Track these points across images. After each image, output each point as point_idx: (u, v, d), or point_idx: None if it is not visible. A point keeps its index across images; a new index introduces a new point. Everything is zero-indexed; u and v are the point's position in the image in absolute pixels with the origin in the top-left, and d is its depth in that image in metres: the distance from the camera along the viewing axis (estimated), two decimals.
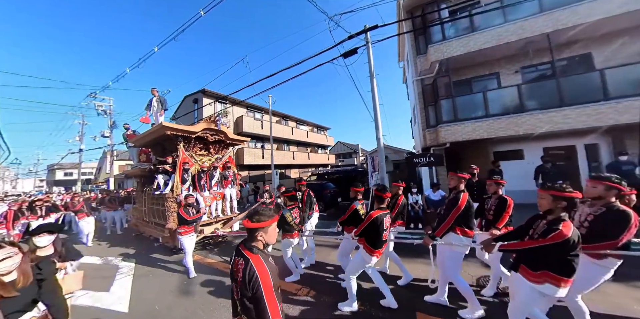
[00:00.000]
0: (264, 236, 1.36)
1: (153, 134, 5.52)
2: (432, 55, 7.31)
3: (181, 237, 4.00)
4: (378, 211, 2.50)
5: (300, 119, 22.51)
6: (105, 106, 13.00)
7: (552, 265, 1.65)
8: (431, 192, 6.21)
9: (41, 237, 2.12)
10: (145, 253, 5.28)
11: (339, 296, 2.86)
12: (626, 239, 1.86)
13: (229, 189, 5.97)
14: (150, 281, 3.90)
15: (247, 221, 1.37)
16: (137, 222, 6.54)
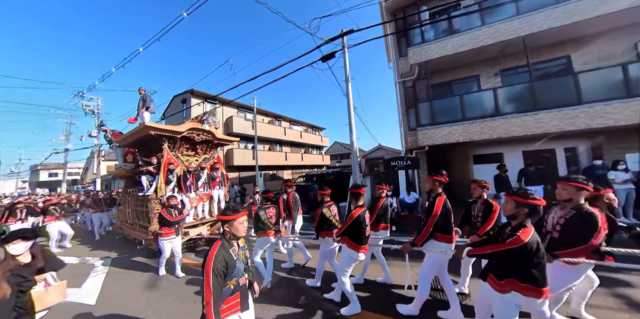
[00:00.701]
0: (230, 228, 1.64)
1: (136, 134, 5.52)
2: (411, 58, 7.47)
3: (161, 239, 4.02)
4: (358, 209, 2.61)
5: (294, 119, 22.71)
6: (93, 106, 13.11)
7: (517, 273, 1.67)
8: (405, 195, 6.38)
9: (15, 244, 1.97)
10: (127, 256, 5.32)
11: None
12: (596, 242, 1.89)
13: (217, 191, 5.98)
14: (122, 278, 4.13)
15: (218, 214, 1.72)
16: (122, 224, 6.51)
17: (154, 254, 4.98)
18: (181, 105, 14.46)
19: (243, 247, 1.76)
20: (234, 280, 1.58)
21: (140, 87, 6.53)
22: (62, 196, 10.50)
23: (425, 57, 7.24)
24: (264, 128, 18.04)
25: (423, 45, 7.29)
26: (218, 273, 1.49)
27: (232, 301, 1.59)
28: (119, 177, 9.94)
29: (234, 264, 1.58)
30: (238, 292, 1.61)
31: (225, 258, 1.55)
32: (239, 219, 1.64)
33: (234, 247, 1.65)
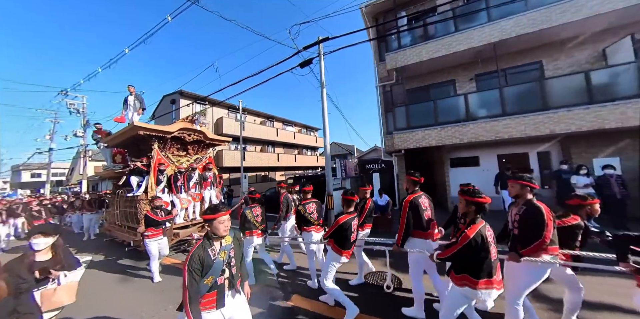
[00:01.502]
0: (210, 226, 1.75)
1: (125, 134, 5.52)
2: (388, 64, 7.80)
3: (147, 241, 4.05)
4: (346, 216, 2.73)
5: (287, 119, 23.08)
6: (77, 105, 13.26)
7: (468, 267, 1.81)
8: (378, 197, 6.71)
9: (35, 239, 1.97)
10: (114, 259, 5.34)
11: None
12: (549, 235, 2.01)
13: (209, 191, 6.01)
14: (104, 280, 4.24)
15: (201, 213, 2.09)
16: (110, 226, 6.51)
17: (142, 256, 4.95)
18: (170, 105, 14.89)
19: (226, 246, 1.81)
20: (211, 278, 1.67)
21: (129, 85, 6.52)
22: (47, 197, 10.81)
23: (401, 62, 7.57)
24: (255, 129, 18.44)
25: (399, 51, 7.62)
26: (193, 270, 1.60)
27: (208, 298, 1.69)
28: (107, 178, 10.26)
29: (210, 263, 1.67)
30: (215, 290, 1.70)
31: (201, 257, 1.65)
32: (218, 219, 1.72)
33: (213, 246, 1.74)
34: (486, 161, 7.69)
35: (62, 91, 12.71)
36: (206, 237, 1.78)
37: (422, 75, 8.30)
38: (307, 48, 6.96)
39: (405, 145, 7.39)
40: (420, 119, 7.27)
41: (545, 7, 5.99)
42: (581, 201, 2.31)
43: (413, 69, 7.90)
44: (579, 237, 2.31)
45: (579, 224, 2.27)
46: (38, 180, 28.76)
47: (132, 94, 6.47)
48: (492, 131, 6.36)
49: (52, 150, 14.40)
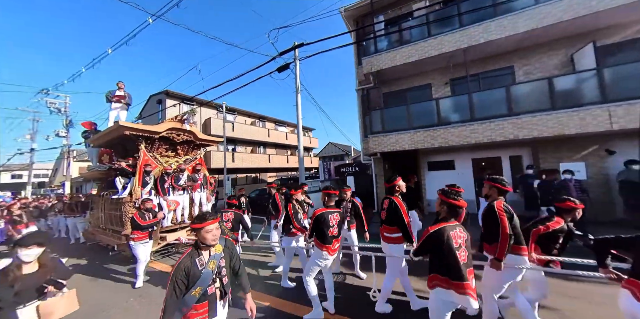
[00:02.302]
0: (198, 236, 1.72)
1: (110, 133, 5.44)
2: (364, 68, 8.11)
3: (133, 244, 4.06)
4: (322, 209, 2.84)
5: (280, 120, 23.41)
6: (59, 104, 13.38)
7: (436, 266, 1.88)
8: None
9: (29, 249, 1.84)
10: (98, 264, 5.32)
11: None
12: (506, 231, 2.15)
13: (199, 193, 5.96)
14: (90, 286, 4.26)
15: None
16: (93, 230, 6.43)
17: (127, 260, 4.95)
18: (157, 106, 15.26)
19: (216, 256, 1.78)
20: (199, 289, 1.64)
21: (119, 81, 6.51)
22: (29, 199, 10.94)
23: (377, 66, 7.88)
24: (245, 130, 18.78)
25: (375, 55, 7.93)
26: (177, 281, 1.58)
27: (200, 309, 1.67)
28: (91, 179, 10.50)
29: (197, 274, 1.64)
30: (206, 300, 1.68)
31: (187, 267, 1.62)
32: (205, 228, 1.68)
33: (201, 256, 1.71)
34: (461, 164, 7.98)
35: (42, 90, 12.85)
36: (195, 246, 1.76)
37: (400, 79, 8.60)
38: (283, 53, 7.28)
39: (379, 148, 7.70)
40: (394, 123, 7.57)
41: (512, 14, 6.27)
42: (575, 205, 2.34)
43: (390, 73, 8.20)
44: (560, 240, 2.40)
45: (562, 228, 2.36)
46: (19, 181, 28.19)
47: (121, 90, 6.43)
48: (461, 136, 6.64)
49: (33, 150, 14.47)
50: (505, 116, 6.23)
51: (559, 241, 2.39)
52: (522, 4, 6.24)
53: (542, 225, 2.40)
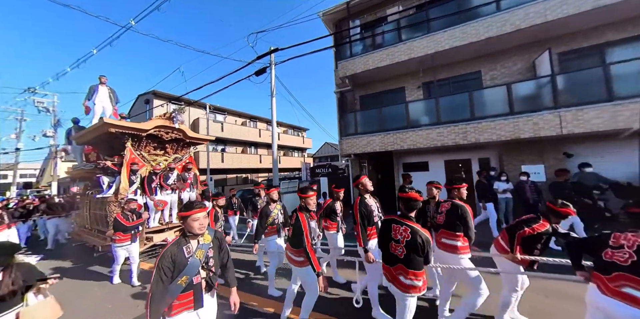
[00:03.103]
0: (185, 224, 1.76)
1: (95, 131, 5.43)
2: (340, 71, 8.57)
3: (114, 246, 4.10)
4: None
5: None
6: (47, 103, 13.65)
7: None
8: (322, 199, 7.50)
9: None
10: (82, 266, 5.32)
11: None
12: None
13: (188, 193, 5.97)
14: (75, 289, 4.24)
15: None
16: (80, 230, 6.39)
17: (112, 261, 4.95)
18: (145, 105, 15.77)
19: (205, 245, 1.81)
20: (185, 278, 1.66)
21: (102, 75, 6.43)
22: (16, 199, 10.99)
23: (351, 70, 8.33)
24: (235, 130, 19.27)
25: (349, 60, 8.38)
26: (163, 268, 1.59)
27: (185, 299, 1.68)
28: (78, 178, 10.81)
29: (184, 261, 1.66)
30: (191, 290, 1.70)
31: (174, 255, 1.65)
32: (192, 216, 1.72)
33: (189, 244, 1.75)
34: (434, 165, 8.42)
35: (29, 89, 13.16)
36: (182, 234, 1.80)
37: (376, 82, 9.04)
38: (260, 58, 7.74)
39: (352, 150, 8.15)
40: (367, 125, 8.03)
41: (475, 22, 6.70)
42: (570, 211, 2.36)
43: (364, 76, 8.64)
44: (542, 241, 2.45)
45: (548, 230, 2.40)
46: (4, 182, 27.55)
47: (104, 85, 6.36)
48: (428, 138, 7.08)
49: (18, 150, 14.66)
50: (468, 120, 6.66)
51: (541, 242, 2.44)
52: (485, 12, 6.64)
53: (527, 227, 2.43)
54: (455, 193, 2.90)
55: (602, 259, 1.75)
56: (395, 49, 7.70)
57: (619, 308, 1.60)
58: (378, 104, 8.83)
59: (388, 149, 7.62)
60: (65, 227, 7.75)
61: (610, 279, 1.67)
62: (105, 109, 6.45)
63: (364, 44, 8.52)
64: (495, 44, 6.89)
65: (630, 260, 1.61)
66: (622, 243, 1.69)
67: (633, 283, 1.57)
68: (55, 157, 13.12)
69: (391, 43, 7.83)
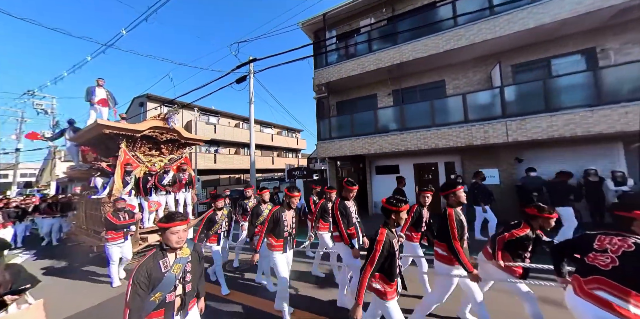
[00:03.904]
0: (162, 236, 1.69)
1: (90, 132, 5.52)
2: (316, 79, 9.24)
3: (107, 244, 4.16)
4: (276, 207, 3.14)
5: (266, 121, 24.60)
6: (46, 105, 14.41)
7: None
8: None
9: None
10: (78, 266, 5.38)
11: None
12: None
13: (183, 193, 6.07)
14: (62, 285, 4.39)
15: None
16: (76, 230, 6.53)
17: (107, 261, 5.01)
18: (140, 108, 16.55)
19: (183, 259, 1.73)
20: (159, 294, 1.58)
21: (100, 78, 6.62)
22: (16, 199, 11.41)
23: (326, 78, 8.99)
24: (228, 132, 20.01)
25: (325, 68, 9.05)
26: (138, 283, 1.52)
27: (155, 317, 1.58)
28: (75, 179, 11.39)
29: (159, 276, 1.58)
30: (162, 308, 1.60)
31: (149, 269, 1.57)
32: (171, 229, 1.65)
33: (166, 258, 1.66)
34: (404, 169, 9.05)
35: (28, 91, 13.97)
36: (159, 247, 1.71)
37: (351, 89, 9.70)
38: (241, 67, 8.45)
39: (326, 153, 8.81)
40: (339, 130, 8.69)
41: (435, 35, 7.32)
42: (537, 213, 2.36)
43: (340, 84, 9.30)
44: (530, 248, 2.43)
45: (528, 235, 2.37)
46: (4, 181, 28.60)
47: (101, 87, 6.53)
48: (394, 143, 7.72)
49: (18, 150, 15.36)
50: (428, 127, 7.29)
51: (527, 248, 2.42)
52: (445, 26, 7.26)
53: (507, 232, 2.46)
54: (452, 199, 2.56)
55: (585, 262, 1.76)
56: (365, 59, 8.35)
57: (587, 308, 1.64)
58: (353, 110, 9.49)
59: (357, 153, 8.26)
60: (56, 228, 7.98)
61: (587, 282, 1.70)
62: (102, 111, 6.62)
63: (339, 53, 9.18)
64: (455, 56, 7.51)
65: (612, 265, 1.61)
66: (607, 247, 1.69)
67: (608, 288, 1.59)
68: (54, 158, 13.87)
69: (362, 53, 8.49)
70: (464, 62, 7.81)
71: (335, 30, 9.68)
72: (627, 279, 1.56)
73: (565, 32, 6.43)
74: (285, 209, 3.08)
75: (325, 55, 9.17)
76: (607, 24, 6.03)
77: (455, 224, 2.42)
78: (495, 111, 6.58)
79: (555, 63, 6.82)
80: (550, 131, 5.86)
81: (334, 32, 9.69)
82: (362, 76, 8.73)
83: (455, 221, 2.43)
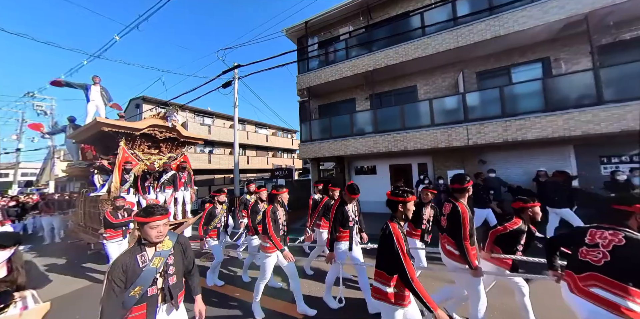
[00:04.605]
0: (141, 231, 1.66)
1: (89, 130, 5.59)
2: (298, 84, 9.77)
3: (105, 243, 4.20)
4: (270, 206, 3.11)
5: (261, 122, 25.17)
6: (45, 107, 15.07)
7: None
8: None
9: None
10: (77, 263, 5.44)
11: None
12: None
13: (182, 192, 6.14)
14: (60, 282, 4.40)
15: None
16: (75, 228, 6.62)
17: (106, 259, 4.92)
18: (136, 109, 17.18)
19: (164, 252, 1.71)
20: (139, 288, 1.56)
21: (95, 75, 6.69)
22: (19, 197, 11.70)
23: (307, 84, 9.52)
24: (222, 133, 20.60)
25: (306, 74, 9.58)
26: (113, 279, 1.50)
27: (137, 312, 1.57)
28: (74, 176, 11.88)
29: (137, 271, 1.57)
30: (144, 303, 1.59)
31: (124, 265, 1.56)
32: (150, 223, 1.62)
33: (144, 252, 1.65)
34: (381, 169, 9.56)
35: (28, 93, 14.62)
36: (137, 242, 1.70)
37: (332, 93, 10.23)
38: (226, 72, 8.95)
39: (307, 155, 9.35)
40: (319, 133, 9.20)
41: (405, 44, 7.81)
42: (522, 204, 2.47)
43: (320, 88, 9.82)
44: (522, 241, 2.49)
45: (521, 228, 2.45)
46: (5, 180, 29.26)
47: (97, 85, 6.59)
48: (367, 145, 8.23)
49: (19, 150, 16.04)
50: (398, 130, 7.79)
51: (519, 241, 2.48)
52: (415, 35, 7.75)
53: (500, 225, 2.55)
54: (465, 193, 2.54)
55: (577, 258, 1.77)
56: (342, 66, 8.86)
57: (583, 305, 1.64)
58: (334, 113, 10.01)
59: (334, 154, 8.78)
60: (58, 225, 8.21)
61: (582, 279, 1.69)
62: (99, 108, 6.68)
63: (320, 59, 9.70)
64: (425, 63, 8.00)
65: (604, 260, 1.60)
66: (598, 242, 1.68)
67: (602, 284, 1.58)
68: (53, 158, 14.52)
69: (340, 60, 9.01)
70: (433, 69, 8.31)
71: (317, 37, 10.20)
72: (620, 273, 1.54)
73: (523, 42, 6.91)
74: (279, 206, 3.13)
75: (307, 62, 9.70)
76: (557, 36, 6.50)
77: (468, 220, 2.36)
78: (459, 116, 7.06)
79: (514, 71, 7.30)
80: (505, 135, 6.34)
81: (316, 38, 10.20)
82: (341, 81, 9.24)
83: (468, 218, 2.38)
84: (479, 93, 6.97)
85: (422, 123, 7.53)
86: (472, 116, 6.83)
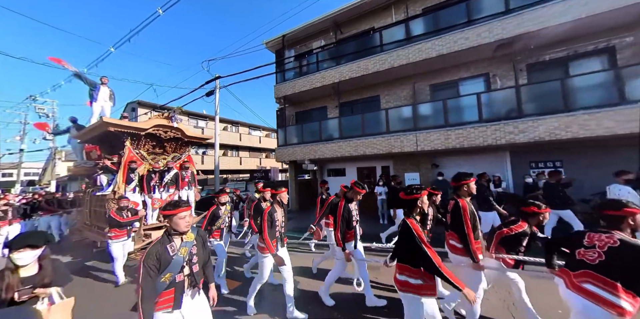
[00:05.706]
0: (170, 222, 1.86)
1: (95, 130, 5.69)
2: (275, 93, 10.65)
3: (110, 242, 4.20)
4: (269, 207, 3.07)
5: (254, 124, 26.11)
6: (47, 109, 16.00)
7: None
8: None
9: (21, 252, 1.74)
10: (81, 261, 5.49)
11: None
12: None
13: (186, 191, 6.24)
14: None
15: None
16: (80, 226, 6.74)
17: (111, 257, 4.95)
18: (132, 112, 18.17)
19: (188, 243, 1.90)
20: (169, 275, 1.75)
21: (103, 76, 6.84)
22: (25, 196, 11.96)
23: (283, 93, 10.40)
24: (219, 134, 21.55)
25: (282, 84, 10.47)
26: (149, 266, 1.68)
27: (165, 296, 1.76)
28: (77, 175, 12.40)
29: (168, 259, 1.76)
30: (173, 288, 1.78)
31: (158, 253, 1.74)
32: (179, 214, 1.82)
33: (172, 242, 1.84)
34: (350, 171, 10.41)
35: (30, 96, 15.60)
36: (165, 233, 1.87)
37: (306, 101, 11.10)
38: (208, 83, 9.92)
39: (282, 158, 10.23)
40: (293, 138, 10.07)
41: (366, 59, 8.64)
42: (537, 210, 2.50)
43: (296, 97, 10.69)
44: (525, 243, 2.57)
45: (525, 231, 2.51)
46: (9, 179, 30.37)
47: (105, 85, 6.76)
48: (333, 150, 9.08)
49: (22, 151, 16.91)
50: (359, 136, 8.63)
51: (522, 243, 2.56)
52: (375, 52, 8.58)
53: (506, 227, 2.60)
54: (464, 190, 2.67)
55: (574, 257, 1.88)
56: (313, 77, 9.72)
57: (577, 300, 1.76)
58: (308, 120, 10.88)
59: (305, 158, 9.64)
60: (56, 225, 7.98)
61: (576, 276, 1.81)
62: (105, 108, 6.82)
63: (295, 71, 10.56)
64: (385, 75, 8.83)
65: (599, 260, 1.72)
66: (595, 243, 1.79)
67: (595, 281, 1.70)
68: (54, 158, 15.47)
69: (311, 72, 9.86)
70: (393, 81, 9.13)
71: (294, 49, 11.06)
72: (612, 272, 1.67)
73: (469, 59, 7.70)
74: (277, 207, 3.10)
75: (283, 73, 10.57)
76: (494, 55, 7.29)
77: (468, 214, 2.49)
78: (410, 124, 7.88)
79: (462, 84, 8.10)
80: (446, 143, 7.15)
81: (293, 51, 11.06)
82: (313, 91, 10.09)
83: (468, 212, 2.50)
84: (429, 104, 7.79)
85: (380, 130, 8.36)
86: (421, 124, 7.65)
